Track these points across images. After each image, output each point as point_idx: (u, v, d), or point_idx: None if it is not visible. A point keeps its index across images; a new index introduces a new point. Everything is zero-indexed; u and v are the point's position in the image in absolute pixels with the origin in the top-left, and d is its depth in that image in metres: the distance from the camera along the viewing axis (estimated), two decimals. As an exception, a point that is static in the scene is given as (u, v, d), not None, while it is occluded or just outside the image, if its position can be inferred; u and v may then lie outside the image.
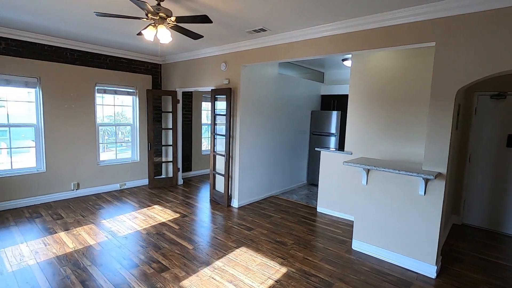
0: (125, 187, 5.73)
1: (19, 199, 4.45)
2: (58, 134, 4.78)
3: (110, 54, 5.32)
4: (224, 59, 4.83)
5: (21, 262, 2.87)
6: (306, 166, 6.49)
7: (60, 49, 4.72)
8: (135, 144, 5.95)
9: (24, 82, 4.46)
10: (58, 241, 3.36)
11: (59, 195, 4.86)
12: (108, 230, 3.71)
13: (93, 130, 5.21)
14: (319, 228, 4.04)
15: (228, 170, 4.78)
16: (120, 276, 2.71)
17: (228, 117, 4.68)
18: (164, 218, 4.19)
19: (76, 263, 2.90)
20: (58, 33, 4.29)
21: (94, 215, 4.23)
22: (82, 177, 5.12)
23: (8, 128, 4.47)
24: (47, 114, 4.65)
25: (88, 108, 5.11)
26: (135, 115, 5.90)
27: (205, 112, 7.41)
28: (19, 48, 4.32)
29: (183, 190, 5.76)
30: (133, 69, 5.71)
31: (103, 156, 5.53)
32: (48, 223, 3.88)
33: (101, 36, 4.39)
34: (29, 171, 4.58)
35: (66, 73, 4.80)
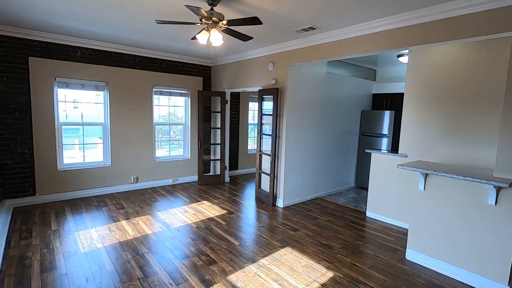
0: (177, 182, 6.11)
1: (89, 189, 5.05)
2: (121, 132, 5.30)
3: (166, 58, 5.73)
4: (272, 59, 4.86)
5: (91, 245, 3.25)
6: (354, 168, 6.22)
7: (124, 55, 5.22)
8: (186, 142, 6.31)
9: (95, 86, 5.03)
10: (121, 228, 3.73)
11: (121, 187, 5.38)
12: (162, 222, 4.00)
13: (150, 129, 5.66)
14: (369, 234, 3.84)
15: (274, 170, 4.81)
16: (173, 265, 2.90)
17: (274, 117, 4.70)
18: (212, 214, 4.38)
19: (135, 249, 3.19)
20: (123, 41, 4.75)
21: (150, 207, 4.60)
22: (140, 171, 5.61)
23: (82, 126, 5.09)
24: (113, 114, 5.19)
25: (146, 108, 5.57)
26: (187, 115, 6.27)
27: (251, 112, 7.55)
28: (91, 56, 4.88)
29: (230, 188, 5.94)
30: (186, 72, 6.07)
31: (158, 153, 5.97)
32: (112, 211, 4.33)
33: (158, 42, 4.74)
34: (98, 165, 5.16)
35: (128, 77, 5.30)
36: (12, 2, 3.12)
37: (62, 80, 4.67)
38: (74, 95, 5.10)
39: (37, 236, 3.43)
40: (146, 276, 2.69)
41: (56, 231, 3.58)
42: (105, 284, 2.54)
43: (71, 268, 2.78)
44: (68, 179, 4.83)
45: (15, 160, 4.37)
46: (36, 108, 4.45)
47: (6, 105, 4.22)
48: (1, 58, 4.12)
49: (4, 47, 4.13)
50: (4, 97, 4.19)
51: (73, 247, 3.19)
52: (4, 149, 4.27)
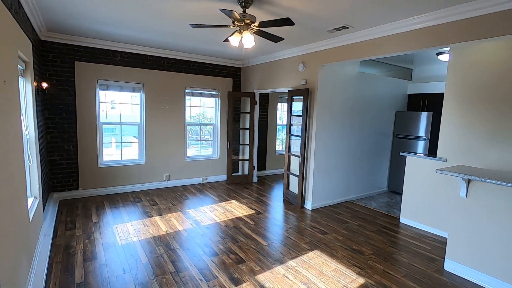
0: (207, 181, 6.26)
1: (125, 185, 5.34)
2: (155, 131, 5.54)
3: (198, 61, 5.90)
4: (302, 59, 4.82)
5: (127, 238, 3.44)
6: (387, 171, 5.97)
7: (159, 58, 5.46)
8: (216, 142, 6.45)
9: (132, 87, 5.32)
10: (154, 224, 3.90)
11: (154, 184, 5.63)
12: (193, 219, 4.13)
13: (182, 129, 5.87)
14: (403, 241, 3.66)
15: (303, 171, 4.76)
16: (203, 261, 2.98)
17: (304, 117, 4.65)
18: (240, 213, 4.43)
19: (167, 244, 3.32)
20: (159, 44, 4.97)
21: (181, 204, 4.76)
22: (172, 170, 5.83)
23: (120, 126, 5.40)
24: (148, 114, 5.44)
25: (178, 109, 5.78)
26: (217, 115, 6.40)
27: (279, 113, 7.53)
28: (130, 59, 5.17)
29: (258, 188, 5.97)
30: (216, 73, 6.20)
31: (189, 152, 6.16)
32: (146, 207, 4.54)
33: (192, 45, 4.90)
34: (133, 163, 5.45)
35: (163, 79, 5.53)
36: (64, 12, 3.40)
37: (103, 82, 4.99)
38: (113, 96, 5.43)
39: (80, 227, 3.70)
40: (178, 271, 2.79)
41: (97, 224, 3.83)
42: (140, 276, 2.68)
43: (110, 259, 2.96)
44: (107, 175, 5.15)
45: (62, 156, 4.75)
46: (80, 108, 4.79)
47: (55, 106, 4.60)
48: (52, 63, 4.50)
49: (55, 52, 4.51)
50: (53, 98, 4.56)
51: (111, 239, 3.40)
52: (53, 146, 4.65)
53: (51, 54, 4.49)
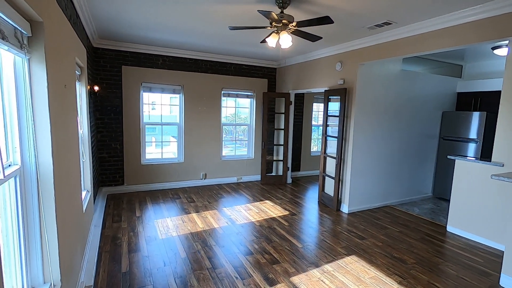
0: (241, 180, 6.36)
1: (165, 182, 5.62)
2: (193, 131, 5.76)
3: (234, 62, 6.01)
4: (340, 58, 4.69)
5: (167, 233, 3.62)
6: (432, 176, 5.57)
7: (198, 61, 5.66)
8: (250, 143, 6.52)
9: (172, 89, 5.58)
10: (192, 220, 4.05)
11: (191, 182, 5.85)
12: (228, 217, 4.21)
13: (218, 129, 6.02)
14: (450, 252, 3.39)
15: (339, 174, 4.62)
16: (238, 260, 3.03)
17: (341, 118, 4.52)
18: (274, 214, 4.43)
19: (204, 241, 3.43)
20: (198, 47, 5.16)
21: (217, 202, 4.89)
22: (208, 168, 6.00)
23: (161, 126, 5.70)
24: (186, 115, 5.67)
25: (215, 110, 5.94)
26: (251, 116, 6.47)
27: (315, 113, 7.40)
28: (171, 63, 5.43)
29: (292, 189, 5.92)
30: (252, 74, 6.27)
31: (224, 152, 6.30)
32: (184, 204, 4.73)
33: (228, 47, 5.01)
34: (173, 161, 5.71)
35: (201, 81, 5.72)
36: (115, 21, 3.68)
37: (147, 85, 5.31)
38: (154, 98, 5.74)
39: (125, 220, 3.97)
40: (214, 267, 2.87)
41: (140, 218, 4.08)
42: (179, 269, 2.80)
43: (151, 251, 3.14)
44: (149, 172, 5.46)
45: (109, 154, 5.14)
46: (126, 109, 5.14)
47: (104, 107, 4.99)
48: (102, 68, 4.89)
49: (105, 58, 4.89)
50: (103, 101, 4.95)
51: (153, 233, 3.60)
52: (102, 144, 5.05)
53: (102, 60, 4.88)
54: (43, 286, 1.68)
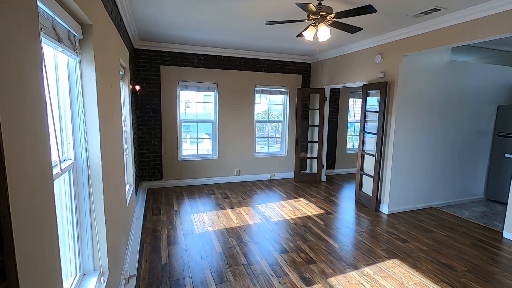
0: (274, 177, 6.33)
1: (200, 178, 5.77)
2: (226, 128, 5.83)
3: (268, 58, 5.97)
4: (380, 50, 4.43)
5: (203, 227, 3.70)
6: (484, 176, 5.08)
7: (232, 58, 5.71)
8: (284, 139, 6.45)
9: (207, 87, 5.69)
10: (226, 216, 4.11)
11: (225, 178, 5.94)
12: (262, 214, 4.21)
13: (252, 126, 6.03)
14: (508, 260, 3.06)
15: (378, 172, 4.39)
16: (273, 257, 3.01)
17: (381, 113, 4.28)
18: (309, 212, 4.34)
19: (239, 237, 3.46)
20: (232, 45, 5.19)
21: (250, 199, 4.91)
22: (242, 165, 6.05)
23: (196, 123, 5.86)
24: (221, 112, 5.76)
25: (248, 107, 5.95)
26: (285, 112, 6.40)
27: (351, 109, 7.11)
28: (206, 61, 5.54)
29: (326, 187, 5.77)
30: (285, 70, 6.19)
31: (257, 149, 6.31)
32: (219, 200, 4.82)
33: (262, 43, 4.98)
34: (207, 157, 5.85)
35: (235, 78, 5.77)
36: (154, 22, 3.83)
37: (183, 83, 5.47)
38: (190, 96, 5.90)
39: (164, 214, 4.14)
40: (249, 264, 2.88)
41: (177, 212, 4.23)
42: (215, 264, 2.85)
43: (189, 244, 3.23)
44: (185, 168, 5.64)
45: (149, 150, 5.39)
46: (164, 107, 5.35)
47: (144, 106, 5.23)
48: (143, 68, 5.13)
49: (145, 58, 5.12)
50: (144, 99, 5.20)
51: (190, 227, 3.70)
52: (143, 141, 5.31)
53: (142, 60, 5.11)
54: (93, 273, 1.80)
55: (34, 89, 0.92)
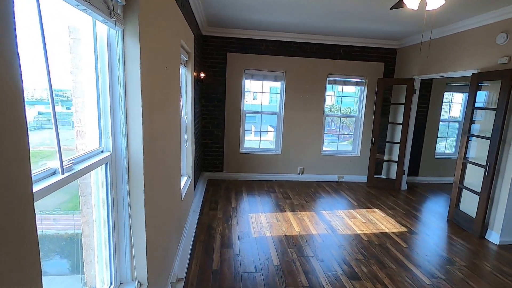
0: (343, 180, 5.61)
1: (261, 173, 5.43)
2: (292, 122, 5.33)
3: (344, 44, 5.21)
4: (504, 27, 3.32)
5: (261, 231, 3.33)
6: None
7: (303, 44, 5.14)
8: (357, 137, 5.65)
9: (274, 76, 5.26)
10: (287, 220, 3.67)
11: (288, 176, 5.49)
12: (328, 223, 3.64)
13: (321, 120, 5.40)
14: None
15: (489, 188, 3.35)
16: (341, 283, 2.46)
17: (500, 112, 3.21)
18: (386, 228, 3.59)
19: (300, 249, 2.98)
20: (305, 28, 4.62)
21: (315, 203, 4.36)
22: (306, 163, 5.50)
23: (260, 115, 5.50)
24: (287, 104, 5.28)
25: (318, 99, 5.32)
26: (360, 106, 5.56)
27: (445, 105, 5.83)
28: (274, 47, 5.09)
29: (407, 198, 4.81)
30: (364, 57, 5.33)
31: (324, 146, 5.65)
32: (280, 200, 4.40)
33: (341, 24, 4.28)
34: (270, 152, 5.46)
35: (304, 66, 5.19)
36: (223, 4, 3.53)
37: (249, 72, 5.15)
38: (255, 86, 5.56)
39: (221, 209, 3.91)
40: (311, 287, 2.38)
41: (235, 209, 3.96)
42: (271, 281, 2.44)
43: (243, 250, 2.90)
44: (246, 161, 5.37)
45: (212, 140, 5.26)
46: (229, 97, 5.13)
47: (209, 95, 5.09)
48: (209, 55, 4.96)
49: (212, 45, 4.94)
50: (209, 88, 5.05)
51: (246, 228, 3.38)
52: (206, 131, 5.21)
53: (209, 47, 4.95)
54: (131, 283, 1.56)
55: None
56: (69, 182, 1.03)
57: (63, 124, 1.68)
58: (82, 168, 1.12)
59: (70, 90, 1.39)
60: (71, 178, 1.04)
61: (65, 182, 1.00)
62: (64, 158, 1.06)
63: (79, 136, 1.46)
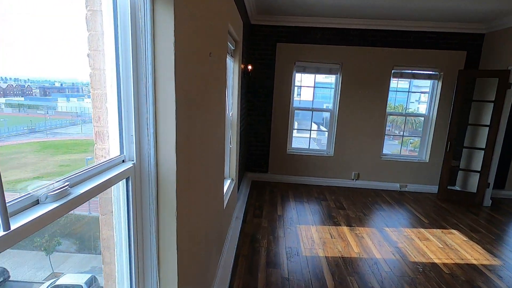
0: (406, 189, 4.82)
1: (310, 176, 4.91)
2: (348, 121, 4.70)
3: (414, 30, 4.40)
4: None
5: (312, 249, 2.85)
6: None
7: (364, 32, 4.46)
8: (426, 140, 4.80)
9: (328, 69, 4.67)
10: (343, 237, 3.13)
11: (340, 181, 4.88)
12: (394, 245, 3.01)
13: (382, 120, 4.68)
14: None
15: None
16: (422, 334, 1.88)
17: None
18: (473, 258, 2.85)
19: (362, 277, 2.44)
20: (369, 12, 3.96)
21: (374, 216, 3.73)
22: (363, 168, 4.84)
23: (311, 112, 4.97)
24: (342, 100, 4.66)
25: (380, 95, 4.61)
26: (432, 103, 4.70)
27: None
28: (330, 36, 4.49)
29: (493, 217, 3.91)
30: (440, 45, 4.45)
31: (385, 149, 4.91)
32: (332, 210, 3.85)
33: (412, 4, 3.54)
34: (320, 153, 4.91)
35: (365, 57, 4.51)
36: (272, -17, 3.10)
37: (301, 64, 4.63)
38: (307, 80, 5.03)
39: (266, 217, 3.52)
40: (381, 335, 1.86)
41: (281, 217, 3.53)
42: (328, 319, 1.96)
43: (292, 271, 2.46)
44: (294, 162, 4.89)
45: (257, 138, 4.89)
46: (277, 91, 4.68)
47: (256, 89, 4.70)
48: (257, 46, 4.56)
49: (260, 35, 4.53)
50: (256, 81, 4.66)
51: (295, 243, 2.93)
52: (251, 128, 4.85)
53: (258, 38, 4.54)
54: (158, 327, 1.22)
55: None
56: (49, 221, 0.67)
57: (78, 123, 1.39)
58: (82, 193, 0.77)
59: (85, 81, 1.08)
60: (55, 214, 0.68)
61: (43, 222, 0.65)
62: (59, 178, 0.73)
63: (98, 139, 1.15)
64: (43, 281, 3.84)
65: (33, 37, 0.80)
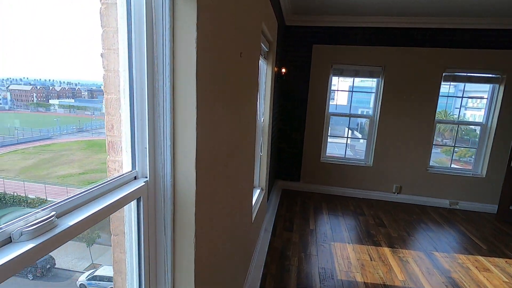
0: (457, 207, 4.27)
1: (346, 188, 4.55)
2: (389, 128, 4.29)
3: (469, 27, 3.90)
4: None
5: (348, 271, 2.55)
6: None
7: (410, 31, 4.04)
8: (482, 152, 4.22)
9: (369, 72, 4.31)
10: (384, 260, 2.78)
11: (379, 194, 4.46)
12: (446, 275, 2.60)
13: (429, 128, 4.20)
14: None
15: None
16: None
17: None
18: (550, 298, 2.35)
19: (409, 312, 2.10)
20: (412, 9, 3.57)
21: (420, 236, 3.30)
22: (405, 180, 4.38)
23: (348, 118, 4.62)
24: (384, 106, 4.26)
25: (428, 100, 4.14)
26: (491, 110, 4.13)
27: None
28: (371, 36, 4.14)
29: None
30: (499, 44, 3.90)
31: (432, 161, 4.40)
32: (371, 227, 3.49)
33: None
34: (358, 163, 4.54)
35: (411, 59, 4.09)
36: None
37: (338, 67, 4.33)
38: (344, 83, 4.70)
39: (297, 231, 3.26)
40: None
41: (313, 232, 3.26)
42: None
43: (326, 298, 2.19)
44: (328, 172, 4.58)
45: (289, 145, 4.65)
46: (312, 96, 4.42)
47: (288, 93, 4.47)
48: (292, 48, 4.34)
49: (295, 37, 4.31)
50: (288, 85, 4.43)
51: (329, 264, 2.64)
52: (283, 134, 4.62)
53: (292, 39, 4.32)
54: None
55: None
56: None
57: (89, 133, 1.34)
58: (74, 224, 0.61)
59: (99, 83, 0.95)
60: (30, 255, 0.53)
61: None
62: (45, 205, 0.58)
63: (111, 150, 1.01)
64: (83, 271, 3.87)
65: (83, 42, 0.72)
